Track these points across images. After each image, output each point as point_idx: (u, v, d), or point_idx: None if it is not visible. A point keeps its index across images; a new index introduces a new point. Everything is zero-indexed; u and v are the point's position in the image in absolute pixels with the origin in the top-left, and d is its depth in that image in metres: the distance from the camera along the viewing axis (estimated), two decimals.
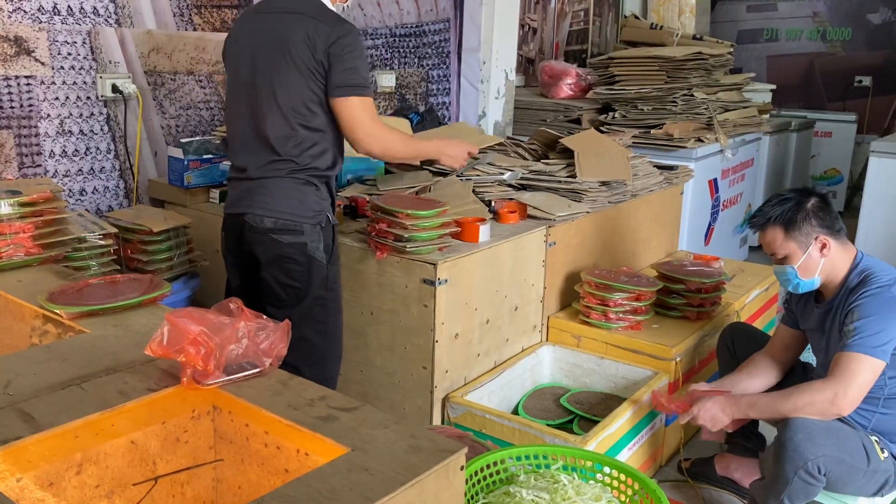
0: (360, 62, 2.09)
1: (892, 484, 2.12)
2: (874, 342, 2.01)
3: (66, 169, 2.91)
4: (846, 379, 2.01)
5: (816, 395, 2.04)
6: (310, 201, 2.14)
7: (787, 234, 2.15)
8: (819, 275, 2.17)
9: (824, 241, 2.14)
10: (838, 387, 2.01)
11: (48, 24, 2.77)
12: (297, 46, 2.06)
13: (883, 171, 3.95)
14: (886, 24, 6.43)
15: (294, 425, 1.28)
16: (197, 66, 3.30)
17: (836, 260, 2.16)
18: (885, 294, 2.05)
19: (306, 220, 2.13)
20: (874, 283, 2.08)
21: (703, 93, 4.34)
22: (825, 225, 2.14)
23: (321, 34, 2.05)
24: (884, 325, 2.02)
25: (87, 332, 1.64)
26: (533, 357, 2.79)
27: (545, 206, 2.82)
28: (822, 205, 2.16)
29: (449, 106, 4.55)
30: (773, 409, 2.12)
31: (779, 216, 2.16)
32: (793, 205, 2.15)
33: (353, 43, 2.07)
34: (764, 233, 2.21)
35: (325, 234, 2.16)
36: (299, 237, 2.12)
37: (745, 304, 3.22)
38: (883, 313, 2.02)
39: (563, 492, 1.88)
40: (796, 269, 2.16)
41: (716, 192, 4.43)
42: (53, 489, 1.26)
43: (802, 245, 2.15)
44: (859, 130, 6.37)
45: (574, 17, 5.71)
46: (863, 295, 2.07)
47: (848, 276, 2.16)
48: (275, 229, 2.12)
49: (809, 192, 2.19)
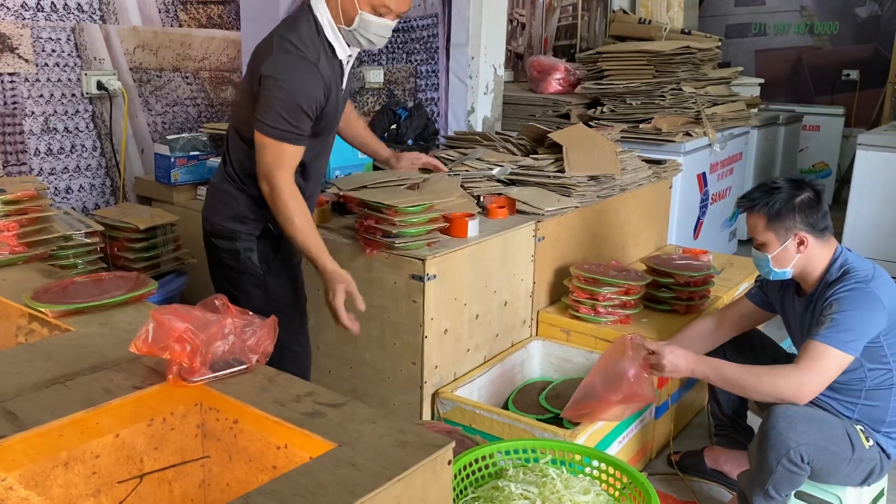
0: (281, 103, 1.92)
1: (878, 473, 2.13)
2: (847, 337, 2.03)
3: (52, 167, 2.89)
4: (815, 371, 2.04)
5: (783, 381, 2.06)
6: (242, 207, 2.12)
7: (769, 224, 2.16)
8: (792, 268, 2.18)
9: (803, 238, 2.14)
10: (806, 377, 2.04)
11: (32, 20, 2.75)
12: (250, 71, 2.04)
13: (870, 163, 3.98)
14: (873, 18, 6.46)
15: (281, 421, 1.27)
16: (183, 62, 3.28)
17: (813, 256, 2.16)
18: (863, 289, 2.06)
19: (239, 228, 2.12)
20: (853, 278, 2.09)
21: (691, 87, 4.34)
22: (809, 222, 2.14)
23: (264, 65, 1.94)
24: (858, 321, 2.03)
25: (72, 330, 1.63)
26: (522, 352, 2.79)
27: (534, 201, 2.82)
28: (811, 201, 2.15)
29: (438, 101, 4.54)
30: (738, 380, 2.13)
31: (764, 205, 2.16)
32: (783, 196, 2.15)
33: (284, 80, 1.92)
34: (748, 216, 2.23)
35: (260, 245, 2.14)
36: (233, 243, 2.13)
37: (734, 297, 3.23)
38: (859, 309, 2.04)
39: (551, 486, 1.88)
40: (769, 258, 2.18)
41: (704, 186, 4.44)
42: (39, 488, 1.25)
43: (781, 237, 2.16)
44: (847, 124, 6.40)
45: (562, 12, 5.71)
46: (842, 289, 2.08)
47: (827, 271, 2.17)
48: (213, 233, 2.15)
49: (803, 186, 2.18)
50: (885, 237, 3.87)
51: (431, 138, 3.65)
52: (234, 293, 2.12)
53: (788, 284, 2.31)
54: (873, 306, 2.04)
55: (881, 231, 3.89)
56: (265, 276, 2.15)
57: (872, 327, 2.04)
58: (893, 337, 2.08)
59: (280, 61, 1.94)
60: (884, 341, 2.08)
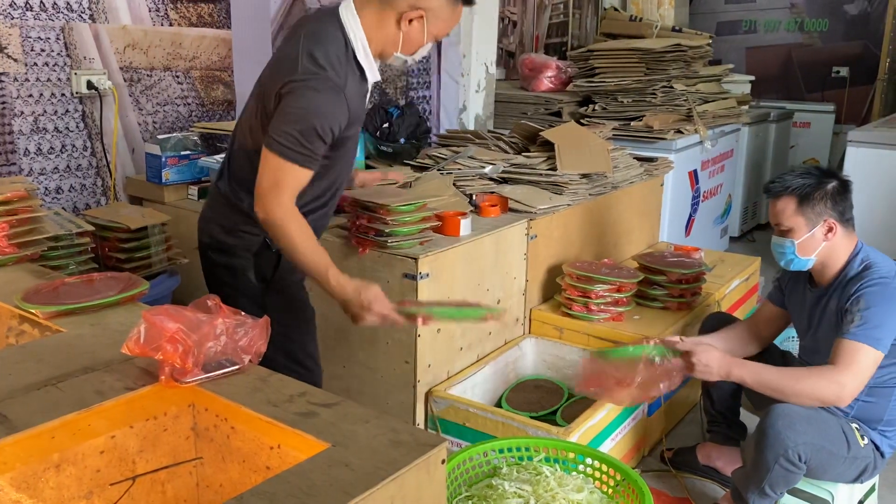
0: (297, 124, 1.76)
1: (871, 470, 2.14)
2: (878, 334, 2.01)
3: (42, 167, 2.88)
4: (853, 370, 1.99)
5: (823, 382, 2.01)
6: (240, 222, 1.96)
7: (799, 208, 2.12)
8: (815, 256, 2.16)
9: (831, 225, 2.12)
10: (846, 377, 1.99)
11: (20, 19, 2.73)
12: (267, 75, 1.88)
13: (860, 160, 3.99)
14: (862, 15, 6.48)
15: (274, 422, 1.27)
16: (174, 61, 3.27)
17: (838, 247, 2.14)
18: (890, 285, 2.05)
19: (235, 242, 1.99)
20: (877, 274, 2.07)
21: (682, 84, 4.35)
22: (838, 210, 2.13)
23: (288, 78, 1.77)
24: (888, 317, 2.02)
25: (63, 331, 1.62)
26: (516, 350, 2.79)
27: (526, 199, 2.82)
28: (840, 189, 2.14)
29: (430, 100, 4.54)
30: (777, 383, 2.05)
31: (797, 188, 2.12)
32: (814, 181, 2.13)
33: (306, 101, 1.76)
34: (776, 200, 2.17)
35: (258, 261, 2.00)
36: (230, 258, 2.00)
37: (726, 294, 3.25)
38: (886, 305, 2.03)
39: (545, 483, 1.89)
40: (796, 244, 2.14)
41: (696, 183, 4.45)
42: (30, 490, 1.25)
43: (810, 223, 2.12)
44: (837, 120, 6.42)
45: (554, 10, 5.72)
46: (867, 284, 2.06)
47: (847, 265, 2.15)
48: (210, 245, 2.03)
49: (832, 175, 2.17)
50: (875, 233, 3.88)
51: (423, 137, 3.64)
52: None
53: (801, 275, 2.29)
54: None
55: (871, 227, 3.91)
56: (262, 296, 2.02)
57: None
58: None
59: (303, 79, 1.76)
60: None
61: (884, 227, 3.91)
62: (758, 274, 3.66)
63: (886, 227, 3.90)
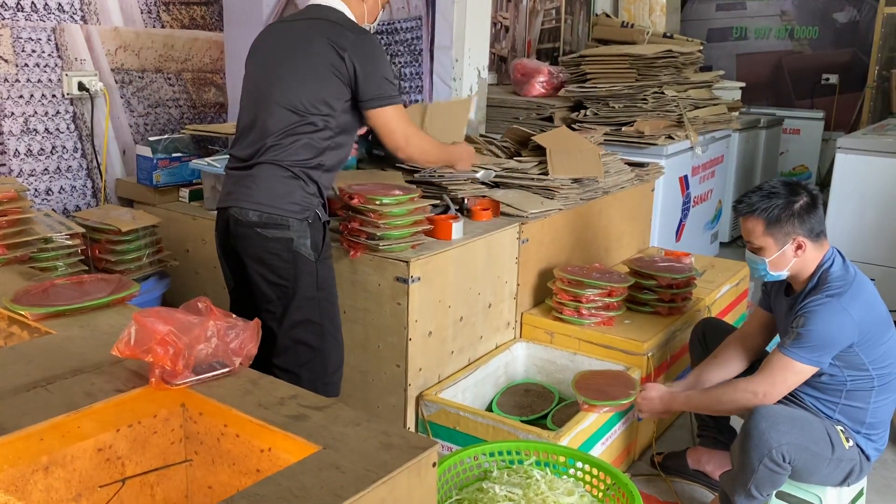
0: (386, 69, 2.14)
1: (857, 473, 2.16)
2: (809, 353, 2.07)
3: (32, 168, 2.86)
4: (769, 380, 2.13)
5: (739, 393, 2.18)
6: (296, 195, 2.08)
7: (767, 230, 2.15)
8: (788, 270, 2.19)
9: (801, 243, 2.14)
10: (760, 386, 2.14)
11: (11, 20, 2.72)
12: (316, 47, 2.08)
13: (849, 166, 4.01)
14: (852, 23, 6.53)
15: (265, 424, 1.27)
16: (165, 63, 3.26)
17: (809, 259, 2.17)
18: (832, 304, 2.07)
19: (292, 215, 2.07)
20: (825, 292, 2.09)
21: (673, 90, 4.37)
22: (806, 228, 2.14)
23: (346, 40, 2.07)
24: (822, 338, 2.06)
25: (53, 333, 1.61)
26: (507, 354, 2.80)
27: (518, 204, 2.83)
28: (808, 206, 2.15)
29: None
30: (707, 404, 2.30)
31: (764, 210, 2.14)
32: (781, 202, 2.13)
33: (377, 51, 2.13)
34: (745, 220, 2.20)
35: (313, 231, 2.10)
36: (285, 232, 2.07)
37: (716, 299, 3.26)
38: (826, 324, 2.06)
39: (535, 487, 1.89)
40: (767, 262, 2.19)
41: (686, 188, 4.47)
42: (19, 493, 1.24)
43: (780, 242, 2.15)
44: (826, 127, 6.47)
45: (546, 15, 5.73)
46: (812, 303, 2.09)
47: (813, 274, 2.18)
48: (259, 223, 2.07)
49: (800, 190, 2.17)
50: (863, 239, 3.91)
51: None
52: (282, 283, 2.08)
53: (781, 281, 2.32)
54: (840, 321, 2.05)
55: (860, 233, 3.94)
56: (316, 264, 2.12)
57: (839, 342, 2.07)
58: (868, 345, 2.09)
59: (364, 37, 2.11)
60: (859, 350, 2.09)
61: (872, 233, 3.93)
62: (748, 279, 3.68)
63: (874, 234, 3.93)
